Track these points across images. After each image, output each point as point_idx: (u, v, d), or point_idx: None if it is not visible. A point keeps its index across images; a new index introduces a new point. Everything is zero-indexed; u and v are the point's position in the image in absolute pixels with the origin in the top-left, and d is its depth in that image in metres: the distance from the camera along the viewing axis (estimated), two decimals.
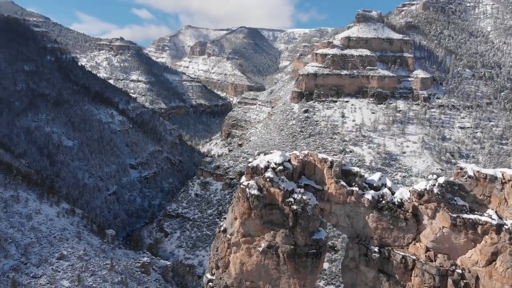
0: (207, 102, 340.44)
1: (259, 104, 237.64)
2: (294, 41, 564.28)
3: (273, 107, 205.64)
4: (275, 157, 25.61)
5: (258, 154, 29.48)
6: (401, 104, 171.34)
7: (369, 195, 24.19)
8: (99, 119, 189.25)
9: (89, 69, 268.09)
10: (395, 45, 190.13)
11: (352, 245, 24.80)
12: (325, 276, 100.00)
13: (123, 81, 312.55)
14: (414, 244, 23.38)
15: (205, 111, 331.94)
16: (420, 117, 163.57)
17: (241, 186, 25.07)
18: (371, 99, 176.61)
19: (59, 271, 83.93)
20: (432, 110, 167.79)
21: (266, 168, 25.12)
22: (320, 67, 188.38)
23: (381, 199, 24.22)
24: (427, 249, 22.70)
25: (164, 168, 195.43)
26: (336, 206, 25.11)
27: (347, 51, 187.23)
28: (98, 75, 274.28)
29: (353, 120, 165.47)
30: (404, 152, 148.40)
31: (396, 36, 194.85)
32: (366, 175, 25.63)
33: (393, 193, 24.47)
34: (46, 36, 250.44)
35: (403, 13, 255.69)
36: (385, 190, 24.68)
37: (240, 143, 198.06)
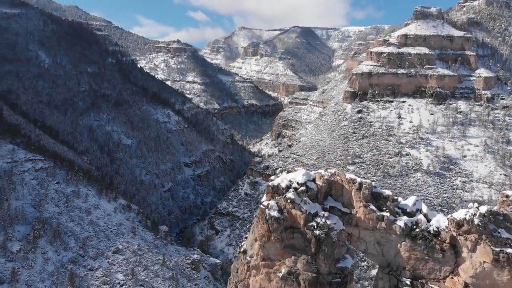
0: (258, 102, 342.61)
1: (310, 104, 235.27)
2: (348, 39, 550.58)
3: (324, 107, 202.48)
4: (298, 176, 24.03)
5: (281, 172, 27.87)
6: (462, 105, 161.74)
7: (402, 221, 22.31)
8: (156, 119, 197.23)
9: (147, 71, 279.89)
10: (456, 42, 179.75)
11: (382, 275, 23.05)
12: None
13: (179, 82, 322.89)
14: (452, 278, 21.33)
15: (256, 111, 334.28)
16: (483, 118, 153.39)
17: (261, 206, 24.01)
18: (429, 99, 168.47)
19: (114, 265, 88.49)
20: (496, 111, 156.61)
21: (288, 188, 23.63)
22: (375, 66, 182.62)
23: (414, 226, 22.27)
24: (466, 285, 20.52)
25: (216, 166, 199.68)
26: (365, 232, 23.38)
27: (404, 49, 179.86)
28: (156, 76, 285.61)
29: (410, 121, 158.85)
30: (465, 156, 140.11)
31: (457, 33, 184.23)
32: (399, 199, 23.74)
33: (428, 220, 22.34)
34: (108, 40, 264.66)
35: (464, 9, 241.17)
36: (420, 216, 22.53)
37: (289, 143, 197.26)
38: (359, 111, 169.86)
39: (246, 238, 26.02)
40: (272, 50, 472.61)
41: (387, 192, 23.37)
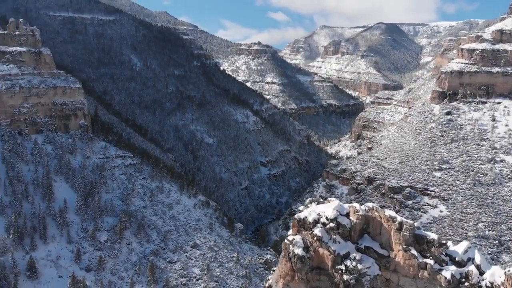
0: (337, 102, 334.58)
1: (394, 104, 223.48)
2: (438, 35, 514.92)
3: (410, 108, 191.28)
4: (328, 209, 21.23)
5: (310, 202, 25.00)
6: None
7: (448, 272, 18.99)
8: (236, 119, 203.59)
9: (229, 73, 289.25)
10: None
11: None
12: None
13: (259, 83, 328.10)
14: None
15: (335, 111, 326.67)
16: None
17: (285, 241, 21.76)
18: None
19: (191, 259, 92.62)
20: None
21: (316, 222, 20.91)
22: (467, 63, 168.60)
23: (464, 279, 18.86)
24: None
25: (291, 167, 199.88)
26: (405, 279, 20.16)
27: (500, 46, 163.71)
28: (237, 78, 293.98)
29: (506, 125, 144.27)
30: None
31: None
32: (448, 244, 19.66)
33: (481, 273, 19.02)
34: (193, 43, 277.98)
35: None
36: (472, 267, 19.12)
37: (369, 146, 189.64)
38: (448, 113, 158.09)
39: (273, 271, 24.13)
40: (354, 48, 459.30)
41: (433, 235, 19.92)
